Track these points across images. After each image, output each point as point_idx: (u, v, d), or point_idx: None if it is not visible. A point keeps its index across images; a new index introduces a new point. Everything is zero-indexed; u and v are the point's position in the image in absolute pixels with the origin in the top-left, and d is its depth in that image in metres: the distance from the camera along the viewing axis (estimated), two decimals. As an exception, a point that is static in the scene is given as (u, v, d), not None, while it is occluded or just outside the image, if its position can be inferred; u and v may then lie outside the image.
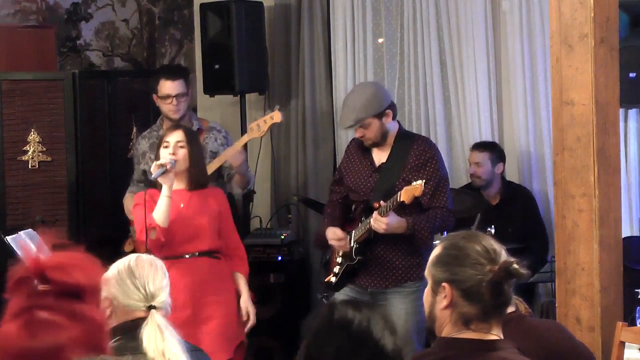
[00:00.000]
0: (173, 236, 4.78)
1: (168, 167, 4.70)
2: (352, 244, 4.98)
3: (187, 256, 4.79)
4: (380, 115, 4.94)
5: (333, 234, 5.01)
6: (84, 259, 1.77)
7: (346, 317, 2.20)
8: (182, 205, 4.80)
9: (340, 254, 5.05)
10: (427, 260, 4.89)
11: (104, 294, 2.92)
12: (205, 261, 4.81)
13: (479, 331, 2.56)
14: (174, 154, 4.76)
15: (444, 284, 2.57)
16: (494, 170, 5.98)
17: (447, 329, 2.59)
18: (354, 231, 4.99)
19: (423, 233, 4.86)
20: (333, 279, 5.06)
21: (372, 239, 4.92)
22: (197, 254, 4.80)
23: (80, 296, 1.73)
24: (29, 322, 1.67)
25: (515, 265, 2.53)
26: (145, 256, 3.11)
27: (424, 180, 4.68)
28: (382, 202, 4.79)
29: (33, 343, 1.66)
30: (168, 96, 5.51)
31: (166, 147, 4.79)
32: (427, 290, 2.65)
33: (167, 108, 5.52)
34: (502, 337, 2.59)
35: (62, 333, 1.67)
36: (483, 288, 2.52)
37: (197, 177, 4.85)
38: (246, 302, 4.92)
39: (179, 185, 4.84)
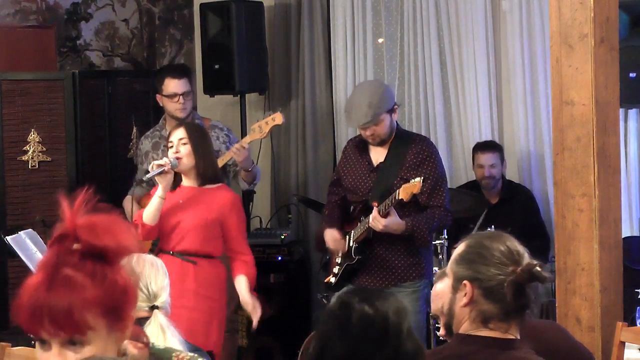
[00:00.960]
0: (160, 227, 4.74)
1: (166, 168, 4.68)
2: (351, 244, 4.98)
3: (165, 252, 4.69)
4: (391, 111, 4.96)
5: (330, 236, 5.00)
6: (117, 223, 1.79)
7: (366, 315, 2.20)
8: (180, 202, 4.76)
9: (339, 254, 5.05)
10: (426, 260, 5.01)
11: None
12: (177, 262, 4.67)
13: (497, 330, 2.59)
14: (177, 152, 4.74)
15: (465, 281, 2.58)
16: (502, 169, 5.99)
17: (465, 326, 2.61)
18: (353, 231, 4.98)
19: (422, 233, 4.85)
20: (333, 280, 5.06)
21: (371, 239, 4.92)
22: (170, 252, 4.70)
23: (106, 259, 1.75)
24: (51, 276, 1.72)
25: (538, 268, 2.56)
26: (146, 256, 3.11)
27: (422, 177, 4.69)
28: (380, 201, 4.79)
29: (48, 296, 1.69)
30: (175, 95, 5.52)
31: (171, 147, 4.77)
32: (447, 287, 2.67)
33: (174, 107, 5.52)
34: (519, 337, 2.61)
35: (80, 292, 1.70)
36: (505, 288, 2.54)
37: (205, 171, 4.77)
38: (245, 300, 4.77)
39: (189, 182, 4.80)
